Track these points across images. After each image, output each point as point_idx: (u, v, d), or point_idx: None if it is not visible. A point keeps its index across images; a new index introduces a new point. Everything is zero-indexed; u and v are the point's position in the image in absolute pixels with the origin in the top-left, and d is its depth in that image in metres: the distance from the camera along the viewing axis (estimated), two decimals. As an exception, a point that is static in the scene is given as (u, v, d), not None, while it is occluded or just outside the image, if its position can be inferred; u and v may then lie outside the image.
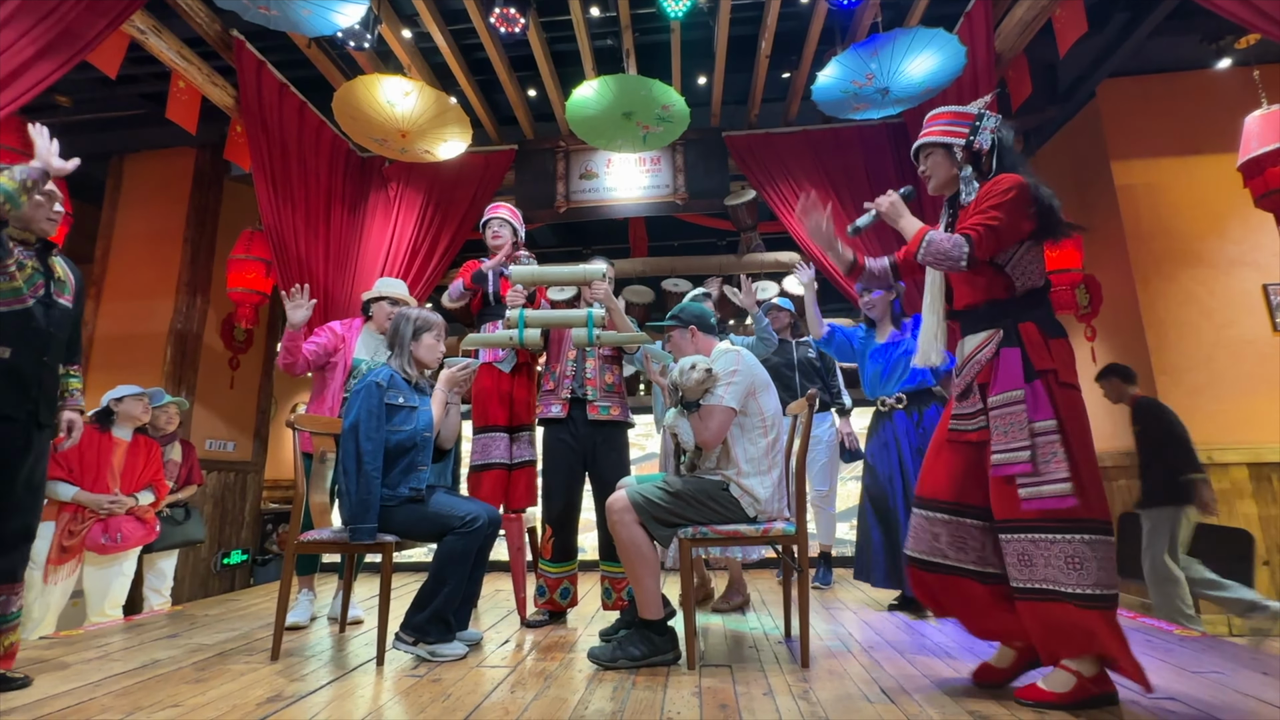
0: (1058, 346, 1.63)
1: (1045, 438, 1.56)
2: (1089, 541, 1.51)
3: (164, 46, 3.33)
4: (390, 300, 3.00)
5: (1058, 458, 1.54)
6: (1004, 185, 1.68)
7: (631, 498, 1.99)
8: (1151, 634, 2.32)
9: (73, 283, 2.09)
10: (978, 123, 1.79)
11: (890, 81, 3.08)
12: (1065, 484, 1.52)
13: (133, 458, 3.20)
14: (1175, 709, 1.57)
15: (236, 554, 4.69)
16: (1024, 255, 1.69)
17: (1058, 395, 1.59)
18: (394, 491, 2.18)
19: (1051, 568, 1.53)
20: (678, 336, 2.31)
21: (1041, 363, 1.60)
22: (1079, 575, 1.50)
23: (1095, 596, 1.49)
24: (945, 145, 1.83)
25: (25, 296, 1.90)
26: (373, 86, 3.18)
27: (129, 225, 4.67)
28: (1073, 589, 1.50)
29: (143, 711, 1.65)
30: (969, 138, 1.79)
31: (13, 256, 1.89)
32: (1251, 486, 3.46)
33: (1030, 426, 1.58)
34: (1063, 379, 1.60)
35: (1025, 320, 1.65)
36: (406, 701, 1.71)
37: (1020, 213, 1.65)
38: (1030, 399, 1.59)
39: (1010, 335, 1.66)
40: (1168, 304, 3.74)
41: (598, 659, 1.99)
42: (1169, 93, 3.99)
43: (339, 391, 2.84)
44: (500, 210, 2.95)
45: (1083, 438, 1.58)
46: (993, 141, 1.78)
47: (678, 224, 5.46)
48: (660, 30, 3.86)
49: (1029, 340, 1.63)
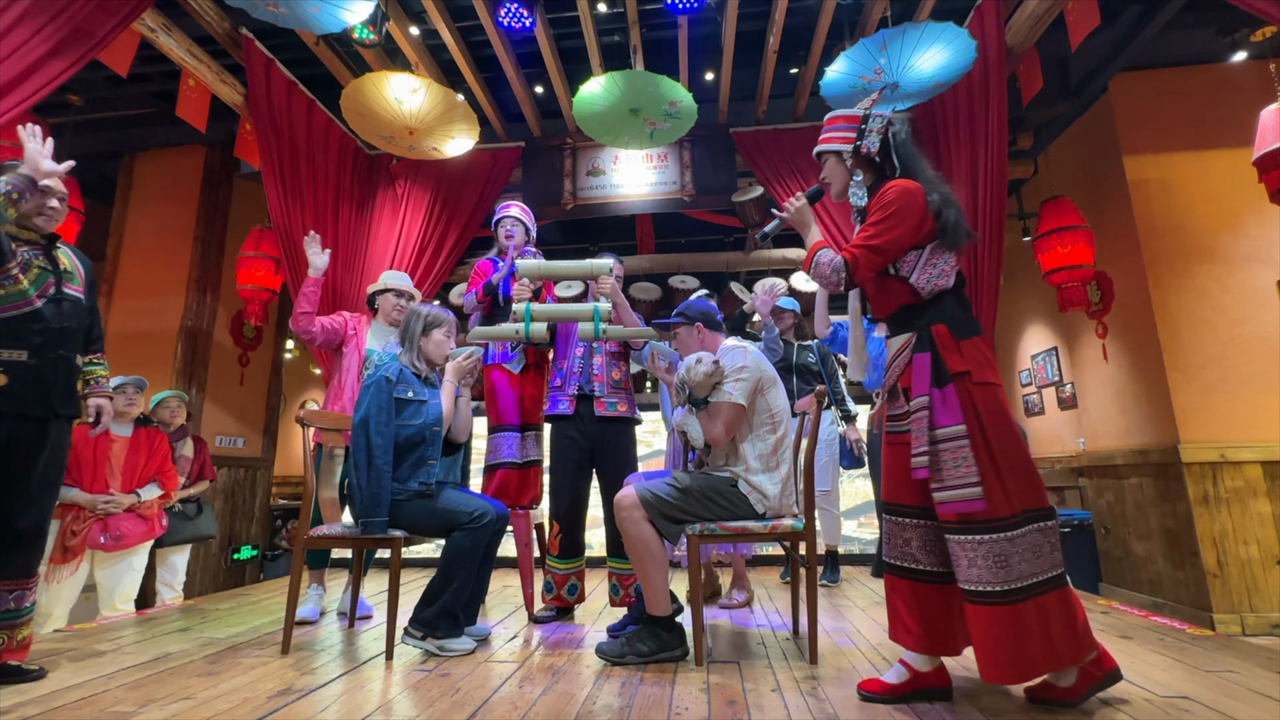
0: (970, 347, 1.61)
1: (954, 443, 1.55)
2: (1010, 538, 1.51)
3: (174, 45, 3.35)
4: (395, 292, 3.00)
5: (967, 462, 1.52)
6: (888, 197, 1.66)
7: (640, 494, 1.99)
8: (1164, 633, 2.30)
9: (81, 273, 2.11)
10: (864, 125, 1.76)
11: (900, 76, 3.05)
12: (975, 488, 1.51)
13: (133, 453, 3.19)
14: (1188, 708, 1.55)
15: (246, 549, 4.73)
16: (926, 261, 1.66)
17: (973, 397, 1.57)
18: (404, 486, 2.19)
19: (976, 568, 1.51)
20: (684, 334, 2.31)
21: (954, 365, 1.58)
22: (1004, 572, 1.49)
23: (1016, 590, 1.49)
24: (836, 152, 1.80)
25: (34, 298, 1.92)
26: (380, 84, 3.18)
27: (140, 223, 4.71)
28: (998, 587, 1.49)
29: (155, 703, 1.67)
30: (856, 142, 1.76)
31: (15, 259, 1.91)
32: (1266, 485, 3.42)
33: (933, 433, 1.58)
34: (978, 379, 1.58)
35: (937, 322, 1.63)
36: (415, 696, 1.72)
37: (905, 224, 1.63)
38: (938, 404, 1.58)
39: (923, 339, 1.65)
40: (1180, 300, 3.70)
41: (606, 655, 1.99)
42: (1183, 87, 3.94)
43: (357, 381, 2.84)
44: (512, 209, 2.94)
45: (1001, 435, 1.56)
46: (882, 142, 1.74)
47: (685, 221, 5.44)
48: (668, 26, 3.85)
49: (940, 343, 1.61)
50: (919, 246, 1.66)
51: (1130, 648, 2.10)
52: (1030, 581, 1.50)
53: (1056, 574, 1.53)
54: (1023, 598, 1.49)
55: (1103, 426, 4.26)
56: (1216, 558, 3.37)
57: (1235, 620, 3.29)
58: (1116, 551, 4.09)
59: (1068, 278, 3.87)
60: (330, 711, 1.60)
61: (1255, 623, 3.28)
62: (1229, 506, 3.42)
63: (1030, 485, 1.56)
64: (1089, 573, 4.22)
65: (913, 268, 1.66)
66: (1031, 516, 1.54)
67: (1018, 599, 1.48)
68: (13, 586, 1.92)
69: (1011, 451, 1.56)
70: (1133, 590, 3.92)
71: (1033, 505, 1.55)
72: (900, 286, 1.68)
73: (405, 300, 3.01)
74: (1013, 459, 1.55)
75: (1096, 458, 4.29)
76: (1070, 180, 4.38)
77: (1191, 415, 3.55)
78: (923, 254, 1.66)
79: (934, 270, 1.66)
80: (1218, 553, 3.38)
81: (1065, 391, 4.79)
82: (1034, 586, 1.50)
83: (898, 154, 1.74)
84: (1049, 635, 1.48)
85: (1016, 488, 1.54)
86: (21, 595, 1.94)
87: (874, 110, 1.78)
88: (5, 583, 1.91)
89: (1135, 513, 3.91)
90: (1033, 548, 1.52)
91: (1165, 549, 3.66)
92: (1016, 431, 1.59)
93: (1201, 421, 3.54)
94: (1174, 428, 3.56)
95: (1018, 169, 4.55)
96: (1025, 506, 1.54)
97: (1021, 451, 1.57)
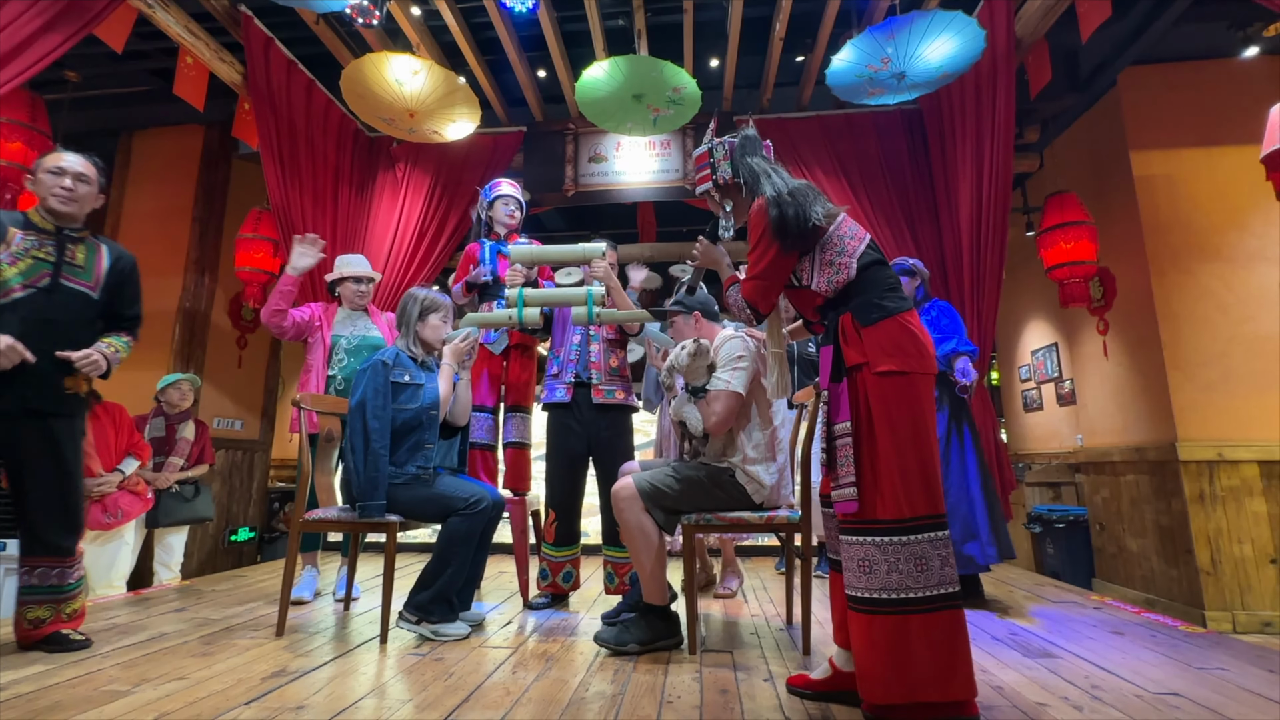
0: (876, 332, 1.50)
1: (841, 440, 1.50)
2: (879, 544, 1.42)
3: (171, 21, 3.30)
4: (354, 279, 2.98)
5: (850, 460, 1.47)
6: (753, 223, 1.65)
7: (638, 484, 1.99)
8: (1157, 629, 2.31)
9: (101, 266, 2.07)
10: (712, 159, 1.77)
11: (907, 66, 3.01)
12: (850, 488, 1.45)
13: (99, 432, 3.18)
14: (1179, 705, 1.56)
15: (244, 531, 4.74)
16: (820, 263, 1.60)
17: (865, 390, 1.48)
18: (401, 469, 2.18)
19: (850, 571, 1.47)
20: (680, 323, 2.30)
21: (849, 358, 1.51)
22: (867, 579, 1.42)
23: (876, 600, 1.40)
24: (706, 192, 1.82)
25: (16, 288, 1.90)
26: (381, 65, 3.14)
27: (137, 202, 4.67)
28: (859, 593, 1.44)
29: (149, 683, 1.67)
30: (713, 178, 1.77)
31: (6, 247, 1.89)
32: (1262, 484, 3.43)
33: (828, 429, 1.55)
34: (877, 369, 1.47)
35: (844, 311, 1.56)
36: (409, 679, 1.73)
37: (773, 248, 1.60)
38: (834, 399, 1.54)
39: (829, 332, 1.59)
40: (1183, 298, 3.68)
41: (605, 643, 1.99)
42: (1192, 82, 3.89)
43: (324, 368, 2.87)
44: (514, 189, 2.95)
45: (888, 431, 1.44)
46: (732, 168, 1.74)
47: (687, 209, 5.41)
48: (673, 11, 3.79)
49: (841, 335, 1.54)
50: (807, 251, 1.61)
51: (1122, 644, 2.11)
52: (905, 595, 1.38)
53: (946, 592, 1.39)
54: (891, 610, 1.39)
55: (1101, 423, 4.26)
56: (1210, 556, 3.38)
57: (1227, 618, 3.30)
58: (1110, 548, 4.11)
59: (1070, 273, 3.85)
60: (323, 694, 1.61)
61: (1247, 621, 3.29)
62: (1224, 505, 3.42)
63: (924, 490, 1.42)
64: (1083, 568, 4.24)
65: (810, 274, 1.61)
66: (922, 525, 1.41)
67: (884, 610, 1.39)
68: (54, 564, 2.00)
69: (905, 450, 1.43)
70: (1125, 587, 3.94)
71: (924, 513, 1.42)
72: (807, 293, 1.64)
73: (365, 285, 3.00)
74: (905, 458, 1.42)
75: (1093, 454, 4.29)
76: (1076, 174, 4.34)
77: (1190, 413, 3.54)
78: (814, 257, 1.61)
79: (831, 269, 1.58)
80: (1212, 551, 3.39)
81: (1064, 387, 4.79)
82: (911, 602, 1.38)
83: (739, 174, 1.73)
84: (926, 658, 1.35)
85: (902, 490, 1.41)
86: (64, 572, 2.02)
87: (714, 141, 1.78)
88: (45, 559, 1.99)
89: (1130, 509, 3.91)
90: (915, 559, 1.39)
91: (1159, 546, 3.67)
92: (923, 428, 1.45)
93: (1200, 420, 3.53)
94: (1172, 425, 3.55)
95: (1024, 162, 4.51)
96: (915, 513, 1.41)
97: (921, 451, 1.43)
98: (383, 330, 3.01)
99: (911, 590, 1.39)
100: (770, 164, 1.72)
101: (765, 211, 1.60)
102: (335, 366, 2.87)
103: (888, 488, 1.43)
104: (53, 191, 1.98)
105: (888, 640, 1.38)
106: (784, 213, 1.58)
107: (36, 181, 1.99)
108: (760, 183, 1.67)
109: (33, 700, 1.56)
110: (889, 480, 1.43)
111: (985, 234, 3.45)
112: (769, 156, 1.76)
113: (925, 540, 1.41)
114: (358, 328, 2.95)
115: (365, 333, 2.95)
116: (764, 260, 1.61)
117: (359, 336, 2.93)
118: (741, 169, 1.73)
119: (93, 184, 2.06)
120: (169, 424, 3.62)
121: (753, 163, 1.72)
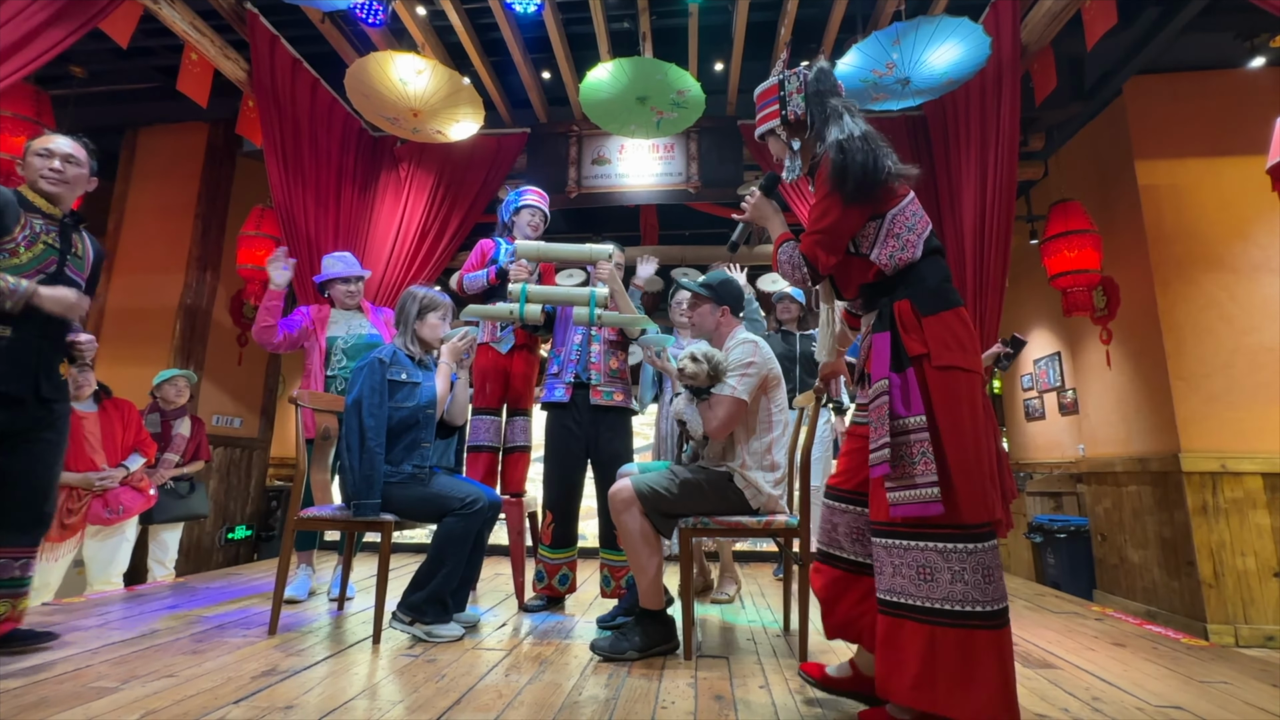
0: (937, 324, 1.38)
1: (916, 435, 1.33)
2: (942, 550, 1.30)
3: (176, 17, 3.30)
4: (342, 280, 2.98)
5: (927, 457, 1.31)
6: (821, 176, 1.48)
7: (637, 488, 1.97)
8: (1158, 641, 2.28)
9: (90, 259, 2.08)
10: (782, 92, 1.59)
11: (911, 71, 3.01)
12: (931, 488, 1.29)
13: (106, 426, 3.17)
14: (1181, 718, 1.53)
15: (241, 529, 4.73)
16: (887, 232, 1.45)
17: (930, 383, 1.35)
18: (397, 468, 2.17)
19: (901, 577, 1.33)
20: (706, 312, 2.17)
21: (912, 348, 1.37)
22: (928, 587, 1.30)
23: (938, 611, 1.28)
24: (771, 130, 1.64)
25: (29, 273, 1.89)
26: (385, 64, 3.14)
27: (141, 199, 4.68)
28: (919, 601, 1.30)
29: (138, 680, 1.66)
30: (782, 113, 1.59)
31: (23, 229, 1.88)
32: (1266, 496, 3.40)
33: (893, 423, 1.36)
34: (938, 362, 1.35)
35: (901, 298, 1.43)
36: (401, 680, 1.71)
37: (836, 200, 1.44)
38: (899, 390, 1.37)
39: (883, 318, 1.44)
40: (1187, 308, 3.66)
41: (602, 650, 1.96)
42: (1198, 91, 3.88)
43: (321, 370, 2.86)
44: (542, 200, 2.94)
45: (957, 430, 1.33)
46: (805, 101, 1.57)
47: (689, 213, 5.40)
48: (678, 14, 3.79)
49: (901, 322, 1.40)
50: (877, 215, 1.46)
51: (1124, 655, 2.09)
52: (972, 609, 1.27)
53: (1004, 607, 1.29)
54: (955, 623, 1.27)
55: (1103, 433, 4.24)
56: (1213, 568, 3.35)
57: (1229, 631, 3.27)
58: (1112, 559, 4.08)
59: (1073, 282, 3.83)
60: (314, 694, 1.59)
61: (1249, 634, 3.26)
62: (1228, 517, 3.40)
63: (992, 494, 1.33)
64: (1084, 579, 4.20)
65: (873, 242, 1.46)
66: (988, 533, 1.31)
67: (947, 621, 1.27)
68: (19, 554, 1.95)
69: (968, 449, 1.32)
70: (1127, 598, 3.91)
71: (990, 519, 1.32)
72: (862, 264, 1.49)
73: (355, 284, 2.99)
74: (973, 458, 1.32)
75: (1096, 464, 4.26)
76: (1080, 183, 4.33)
77: (1193, 424, 3.52)
78: (882, 223, 1.46)
79: (897, 244, 1.44)
80: (1214, 563, 3.36)
81: (1067, 397, 4.76)
82: (979, 616, 1.26)
83: (810, 111, 1.56)
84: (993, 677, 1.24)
85: (978, 493, 1.31)
86: (26, 564, 1.97)
87: (786, 73, 1.61)
88: (12, 549, 1.94)
89: (1133, 520, 3.88)
90: (983, 569, 1.28)
91: (1161, 557, 3.64)
92: (984, 428, 1.36)
93: (1203, 431, 3.51)
94: (1175, 436, 3.53)
95: (1028, 170, 4.50)
96: (989, 518, 1.32)
97: (985, 452, 1.34)
98: (378, 326, 3.01)
99: (979, 603, 1.27)
100: (845, 102, 1.55)
101: (834, 168, 1.45)
102: (334, 368, 2.86)
103: (963, 489, 1.31)
104: (42, 173, 1.95)
105: (954, 656, 1.25)
106: (850, 159, 1.42)
107: (26, 164, 1.96)
108: (829, 124, 1.51)
109: (20, 696, 1.54)
110: (963, 481, 1.31)
111: (988, 241, 3.44)
112: (843, 96, 1.58)
113: (989, 549, 1.30)
114: (352, 327, 2.94)
115: (360, 331, 2.94)
116: (828, 216, 1.46)
117: (355, 336, 2.92)
118: (812, 106, 1.56)
119: (83, 166, 2.02)
120: (165, 420, 3.61)
121: (827, 100, 1.55)
